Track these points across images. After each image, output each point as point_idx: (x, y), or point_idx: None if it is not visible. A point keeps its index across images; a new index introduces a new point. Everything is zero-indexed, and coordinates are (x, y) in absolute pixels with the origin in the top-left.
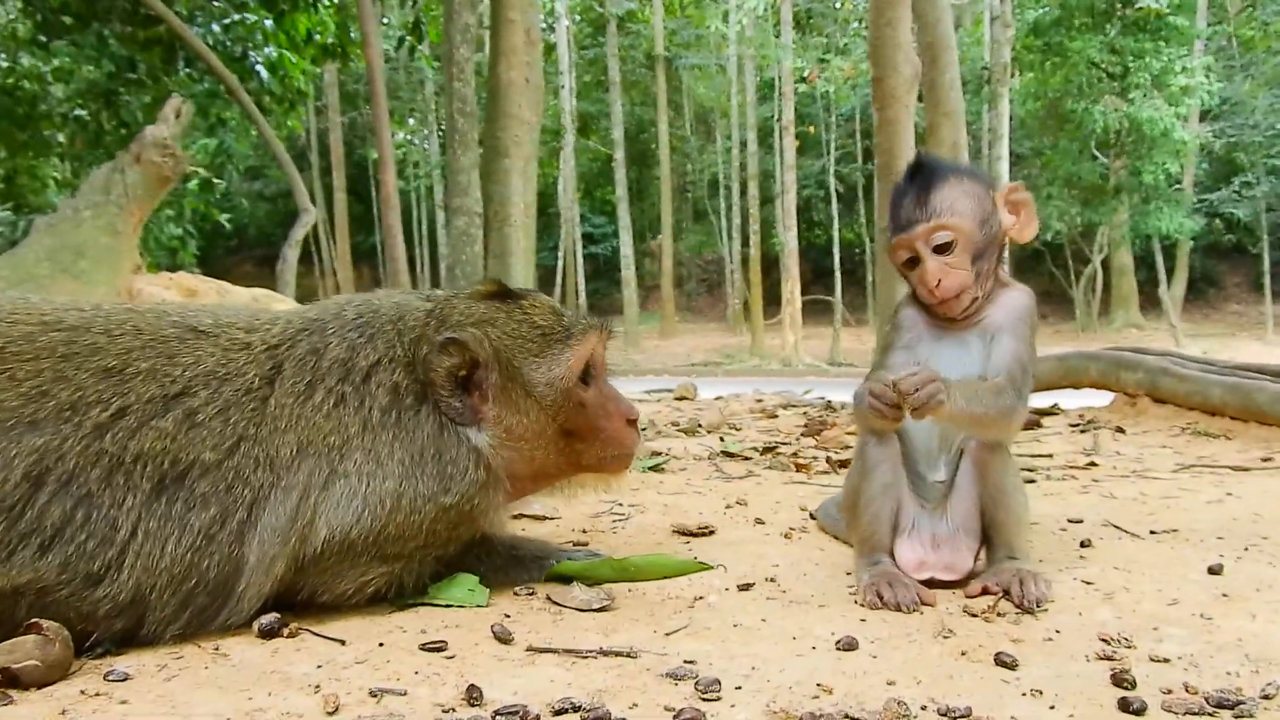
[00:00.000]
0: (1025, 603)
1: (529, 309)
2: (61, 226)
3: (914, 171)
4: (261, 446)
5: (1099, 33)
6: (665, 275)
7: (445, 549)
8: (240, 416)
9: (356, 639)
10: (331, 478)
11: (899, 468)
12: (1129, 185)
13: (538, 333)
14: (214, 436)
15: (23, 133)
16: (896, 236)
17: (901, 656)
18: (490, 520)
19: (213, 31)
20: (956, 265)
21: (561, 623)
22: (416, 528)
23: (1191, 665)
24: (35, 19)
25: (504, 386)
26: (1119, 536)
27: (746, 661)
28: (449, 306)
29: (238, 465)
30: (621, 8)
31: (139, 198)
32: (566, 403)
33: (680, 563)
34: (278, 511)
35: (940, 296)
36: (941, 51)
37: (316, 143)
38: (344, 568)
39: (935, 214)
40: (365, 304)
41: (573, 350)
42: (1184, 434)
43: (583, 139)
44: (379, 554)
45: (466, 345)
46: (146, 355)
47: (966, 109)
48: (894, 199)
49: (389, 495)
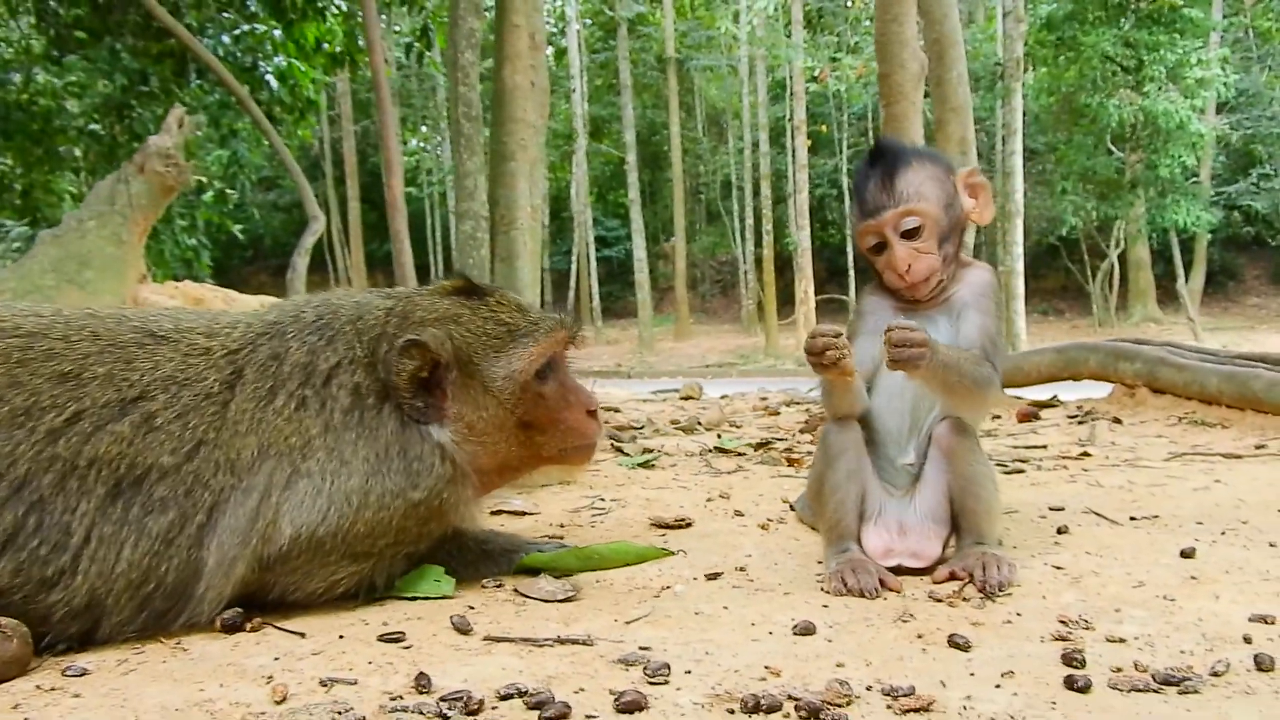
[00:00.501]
0: (988, 587)
1: (495, 306)
2: (66, 237)
3: (877, 156)
4: (222, 450)
5: (1113, 26)
6: (679, 277)
7: (416, 546)
8: (200, 421)
9: (318, 632)
10: (294, 477)
11: (863, 454)
12: (1145, 179)
13: (503, 329)
14: (172, 441)
15: (38, 148)
16: (864, 222)
17: (856, 640)
18: (459, 515)
19: (223, 43)
20: (924, 249)
21: (525, 613)
22: (386, 525)
23: (1147, 645)
24: (49, 35)
25: (464, 384)
26: (1097, 523)
27: (701, 647)
28: (411, 304)
29: (197, 469)
30: (631, 11)
31: (143, 207)
32: (524, 396)
33: (643, 549)
34: (237, 513)
35: (910, 280)
36: (948, 47)
37: (330, 152)
38: (313, 567)
39: (903, 199)
40: (324, 304)
41: (532, 346)
42: (1181, 423)
43: (595, 143)
44: (349, 552)
45: (427, 346)
46: (104, 360)
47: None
48: (859, 184)
49: (355, 493)
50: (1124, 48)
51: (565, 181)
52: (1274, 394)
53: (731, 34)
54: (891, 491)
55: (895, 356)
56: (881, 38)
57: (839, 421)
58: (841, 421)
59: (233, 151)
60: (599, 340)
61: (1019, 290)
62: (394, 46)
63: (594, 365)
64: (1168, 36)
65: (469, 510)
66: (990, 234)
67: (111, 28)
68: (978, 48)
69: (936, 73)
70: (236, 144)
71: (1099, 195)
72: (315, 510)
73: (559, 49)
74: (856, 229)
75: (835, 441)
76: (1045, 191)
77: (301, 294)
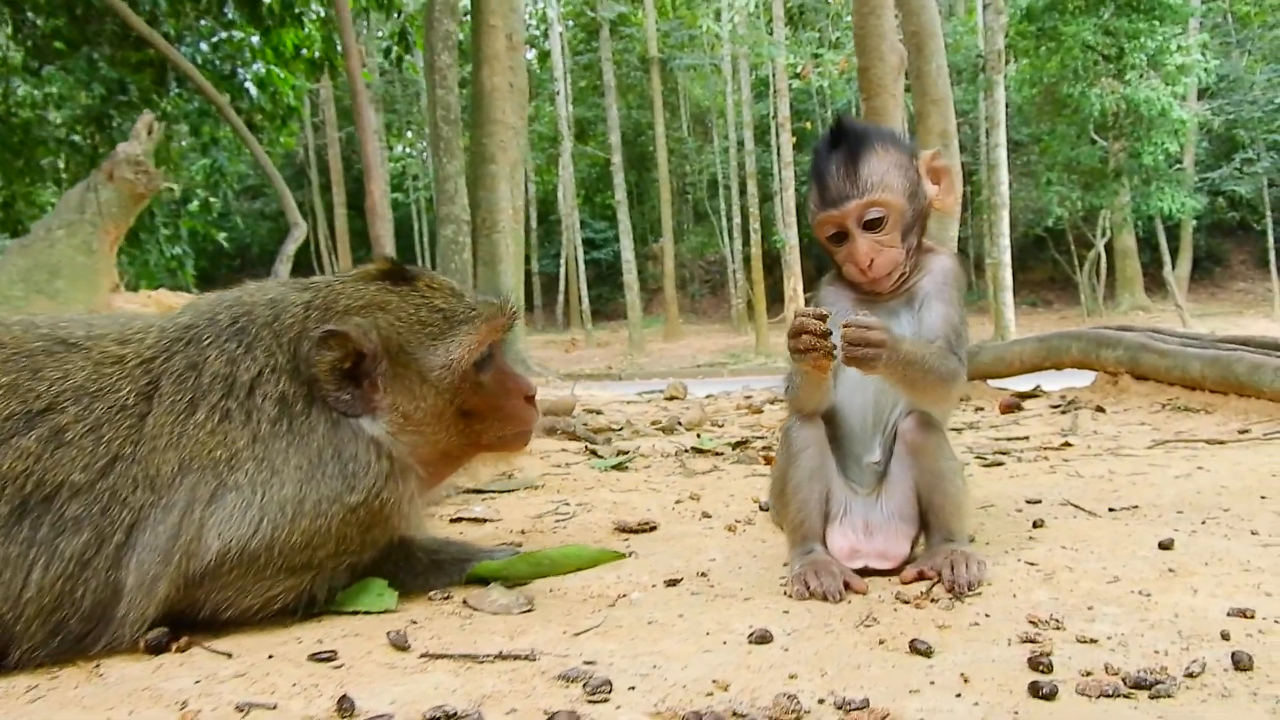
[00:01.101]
0: (957, 586)
1: (426, 291)
2: (35, 247)
3: (838, 138)
4: (140, 466)
5: (1093, 15)
6: (668, 278)
7: (359, 555)
8: (114, 434)
9: (247, 651)
10: (221, 490)
11: (826, 451)
12: (1129, 167)
13: (437, 316)
14: (85, 456)
15: (18, 159)
16: (825, 212)
17: (814, 648)
18: (404, 517)
19: (201, 51)
20: (888, 243)
21: (470, 626)
22: (325, 533)
23: (1120, 645)
24: (26, 46)
25: (396, 373)
26: (1075, 515)
27: (649, 660)
28: (332, 293)
29: (113, 486)
30: (613, 11)
31: (113, 215)
32: (464, 385)
33: (595, 553)
34: (158, 530)
35: (872, 275)
36: (927, 39)
37: (315, 159)
38: (247, 582)
39: (867, 189)
40: (238, 305)
41: (472, 333)
42: (1164, 410)
43: (580, 144)
44: (285, 565)
45: (348, 336)
46: (7, 370)
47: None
48: (819, 168)
49: (289, 502)
50: (1104, 36)
51: (552, 184)
52: (1257, 377)
53: (714, 33)
54: (857, 490)
55: (851, 355)
56: (860, 31)
57: (802, 417)
58: (805, 417)
59: (214, 160)
60: (589, 343)
61: (1007, 282)
62: (375, 52)
63: (585, 368)
64: (1147, 24)
65: (413, 510)
66: (977, 226)
67: (89, 37)
68: (958, 40)
69: (916, 65)
70: (217, 152)
71: (1084, 185)
72: (245, 523)
73: (542, 51)
74: (815, 218)
75: (797, 438)
76: (1030, 183)
77: (213, 293)
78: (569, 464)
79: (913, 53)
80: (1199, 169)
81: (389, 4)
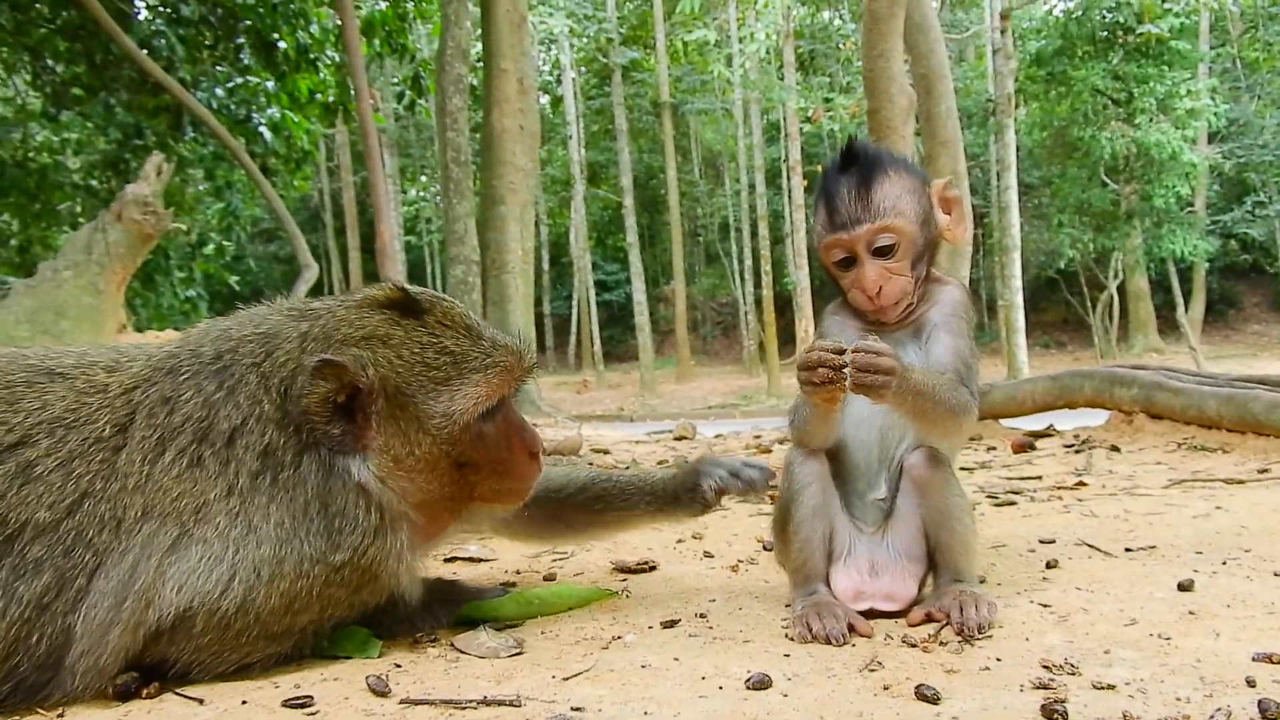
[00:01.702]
0: (966, 629)
1: (435, 327)
2: (42, 288)
3: (849, 159)
4: (108, 505)
5: (1102, 60)
6: (679, 319)
7: (346, 616)
8: (86, 469)
9: (219, 698)
10: (185, 540)
11: (830, 488)
12: (1140, 210)
13: (445, 359)
14: (52, 493)
15: (34, 203)
16: (834, 235)
17: (814, 694)
18: (396, 575)
19: (217, 95)
20: (897, 271)
21: (455, 671)
22: (306, 597)
23: (1139, 691)
24: (45, 92)
25: (391, 414)
26: (1090, 555)
27: (640, 706)
28: (334, 319)
29: (79, 525)
30: (625, 57)
31: (121, 256)
32: (464, 436)
33: (587, 591)
34: (111, 575)
35: (880, 304)
36: (936, 81)
37: (330, 203)
38: (220, 647)
39: (879, 214)
40: (223, 338)
41: (481, 385)
42: (1180, 449)
43: (592, 188)
44: (263, 632)
45: (344, 368)
46: None
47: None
48: (829, 190)
49: (266, 562)
50: (1113, 81)
51: (564, 227)
52: (1275, 416)
53: (725, 78)
54: (862, 529)
55: (859, 381)
56: (869, 74)
57: (805, 452)
58: (808, 452)
59: (228, 203)
60: (601, 384)
61: (1019, 324)
62: (389, 97)
63: (596, 409)
64: (1156, 69)
65: (405, 567)
66: (989, 268)
67: (107, 83)
68: (969, 85)
69: (925, 107)
70: (232, 196)
71: (1095, 227)
72: (214, 581)
73: (555, 97)
74: (822, 241)
75: (800, 474)
76: (1042, 225)
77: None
78: None
79: (922, 95)
80: (1211, 212)
81: (403, 48)
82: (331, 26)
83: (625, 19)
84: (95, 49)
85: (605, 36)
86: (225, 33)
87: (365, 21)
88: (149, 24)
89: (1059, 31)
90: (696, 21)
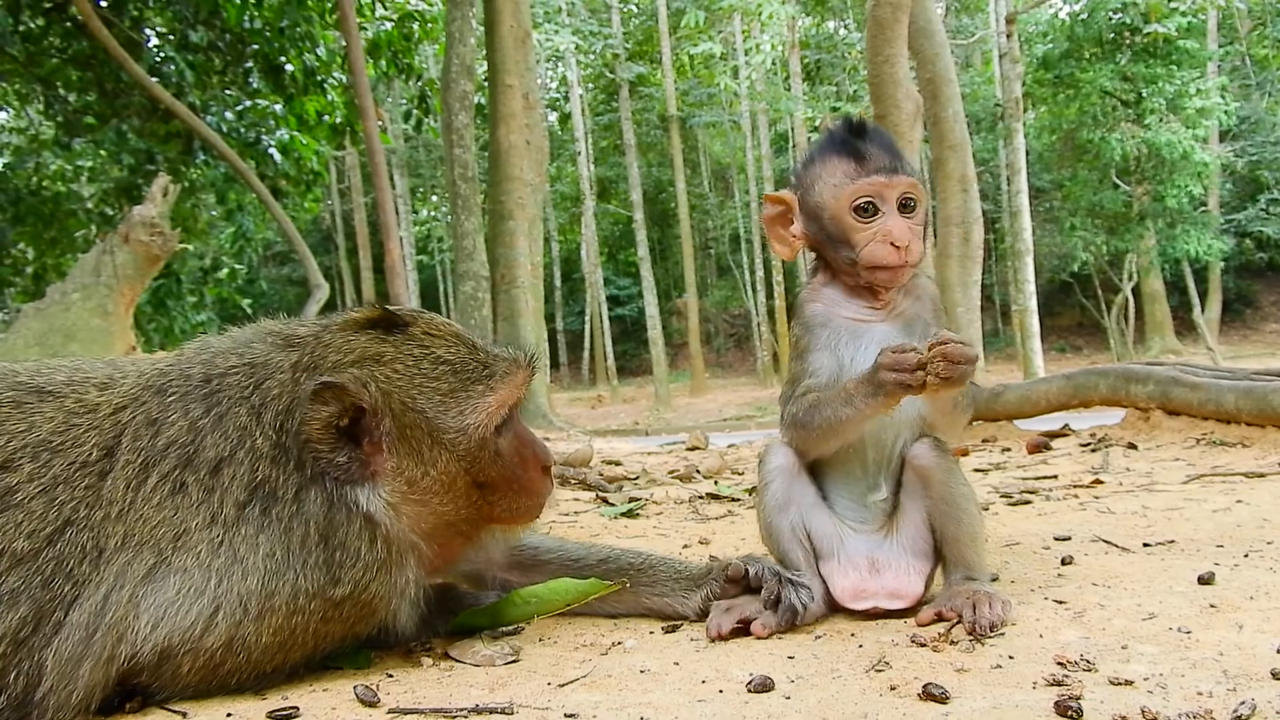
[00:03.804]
0: (978, 627)
1: (423, 338)
2: (50, 311)
3: (860, 127)
4: (91, 534)
5: (1110, 61)
6: (692, 333)
7: (340, 648)
8: (69, 496)
9: (203, 711)
10: (161, 569)
11: (798, 481)
12: (1153, 211)
13: (445, 370)
14: (33, 521)
15: (49, 231)
16: (867, 179)
17: (817, 696)
18: (395, 613)
19: (226, 119)
20: (917, 232)
21: (449, 680)
22: (302, 633)
23: (1158, 686)
24: (57, 121)
25: (402, 434)
26: (1106, 551)
27: (636, 712)
28: (321, 345)
29: (60, 555)
30: (632, 73)
31: (129, 278)
32: (482, 452)
33: (585, 585)
34: (84, 607)
35: (904, 259)
36: (942, 86)
37: (342, 224)
38: (208, 685)
39: (910, 170)
40: (210, 363)
41: (490, 393)
42: (1199, 445)
43: (602, 203)
44: (254, 672)
45: (344, 389)
46: None
47: (982, 146)
48: (849, 144)
49: (253, 595)
50: (1122, 82)
51: (575, 243)
52: None
53: (732, 90)
54: (858, 527)
55: (949, 374)
56: (875, 80)
57: (775, 449)
58: (776, 449)
59: (239, 226)
60: (615, 399)
61: (1034, 328)
62: (399, 117)
63: (611, 424)
64: (1165, 69)
65: (407, 602)
66: (1001, 273)
67: (118, 111)
68: (976, 90)
69: (933, 112)
70: (243, 218)
71: (1108, 229)
72: (193, 614)
73: (563, 113)
74: (846, 188)
75: (764, 469)
76: (1054, 228)
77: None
78: (578, 512)
79: (929, 99)
80: (1224, 211)
81: (409, 68)
82: (338, 48)
83: (631, 34)
84: (106, 77)
85: (611, 52)
86: (234, 57)
87: (371, 42)
88: (159, 51)
89: (1065, 34)
90: (702, 35)
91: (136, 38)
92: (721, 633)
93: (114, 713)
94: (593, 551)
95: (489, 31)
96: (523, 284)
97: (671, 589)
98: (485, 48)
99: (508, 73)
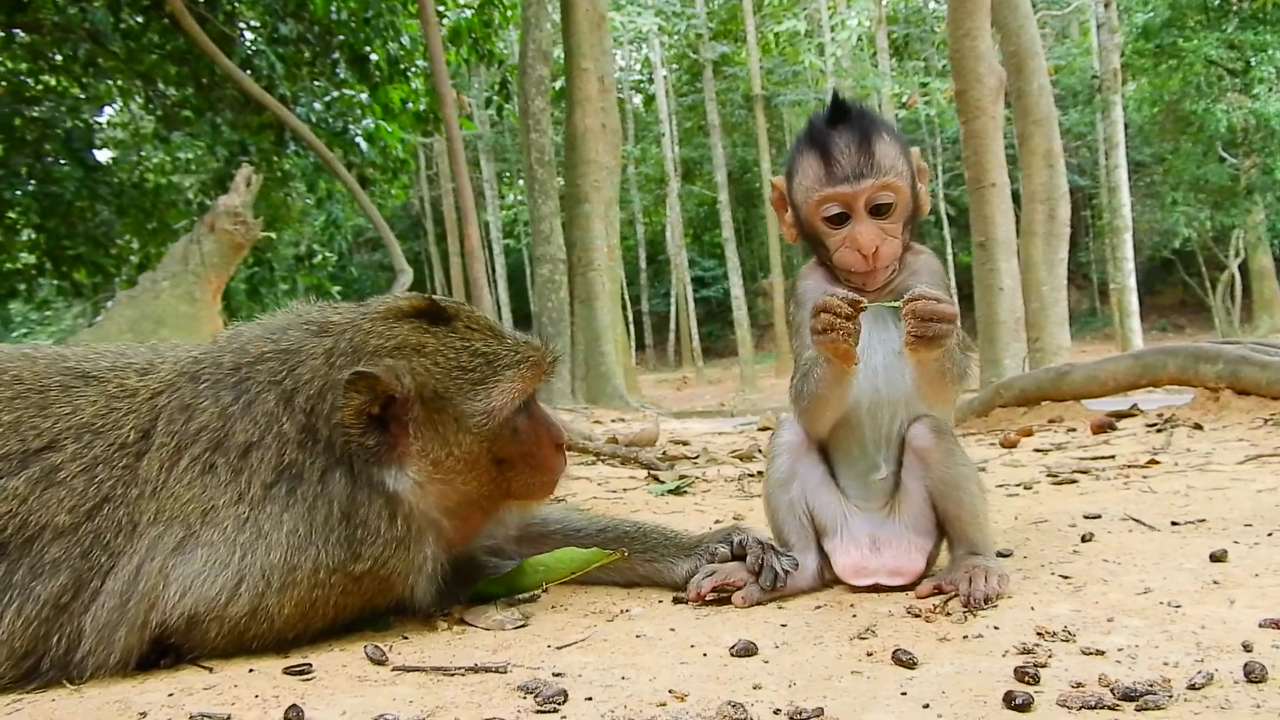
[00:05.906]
0: (972, 600)
1: (465, 332)
2: (142, 298)
3: (841, 115)
4: (127, 509)
5: (1215, 29)
6: (778, 313)
7: (359, 616)
8: (108, 475)
9: (228, 666)
10: (189, 542)
11: (803, 458)
12: (1262, 184)
13: (479, 360)
14: (74, 497)
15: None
16: (832, 189)
17: (794, 660)
18: (412, 587)
19: (315, 110)
20: (891, 232)
21: (458, 642)
22: (322, 604)
23: (1128, 657)
24: (156, 115)
25: (430, 419)
26: (1130, 530)
27: (619, 673)
28: (359, 332)
29: (98, 529)
30: (715, 52)
31: (215, 265)
32: (503, 431)
33: (589, 554)
34: (119, 577)
35: (874, 265)
36: (1027, 59)
37: (431, 210)
38: (235, 649)
39: (881, 171)
40: (242, 351)
41: (516, 380)
42: (1266, 425)
43: (687, 185)
44: (278, 639)
45: (378, 379)
46: (15, 407)
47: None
48: (821, 143)
49: (275, 569)
50: (1228, 50)
51: (660, 225)
52: None
53: (817, 68)
54: (861, 505)
55: (922, 332)
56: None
57: (785, 426)
58: (787, 426)
59: (329, 214)
60: (700, 380)
61: (1133, 307)
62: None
63: (696, 405)
64: (1275, 35)
65: (424, 579)
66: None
67: (213, 104)
68: (1072, 61)
69: (1017, 86)
70: (332, 206)
71: (1213, 204)
72: (217, 585)
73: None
74: (815, 195)
75: (773, 446)
76: (1154, 204)
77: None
78: (626, 489)
79: (1012, 73)
80: None
81: (489, 54)
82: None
83: (714, 14)
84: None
85: (695, 32)
86: (321, 49)
87: (452, 29)
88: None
89: (1167, 2)
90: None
91: (229, 32)
92: (701, 593)
93: (150, 668)
94: (593, 522)
95: (565, 16)
96: (599, 266)
97: (663, 556)
98: (561, 32)
99: (583, 56)
